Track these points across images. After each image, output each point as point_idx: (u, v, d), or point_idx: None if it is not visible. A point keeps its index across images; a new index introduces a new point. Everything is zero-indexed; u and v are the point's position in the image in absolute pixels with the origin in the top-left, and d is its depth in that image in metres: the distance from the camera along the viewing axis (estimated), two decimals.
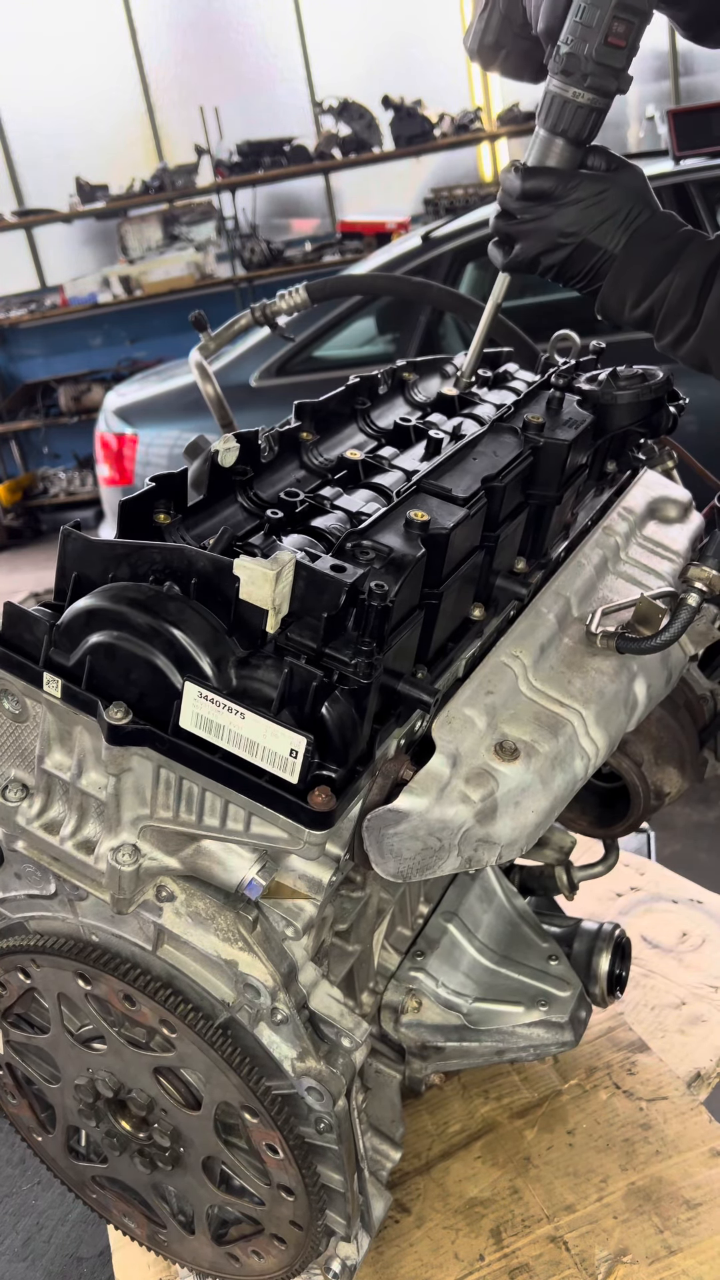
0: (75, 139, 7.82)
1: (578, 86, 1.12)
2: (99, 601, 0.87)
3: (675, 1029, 1.56)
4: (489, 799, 0.93)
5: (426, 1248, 1.27)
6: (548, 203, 1.17)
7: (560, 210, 1.16)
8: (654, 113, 6.08)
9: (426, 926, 1.30)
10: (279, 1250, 1.09)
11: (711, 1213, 1.25)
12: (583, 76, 1.12)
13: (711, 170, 3.63)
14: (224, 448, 1.03)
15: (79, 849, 0.95)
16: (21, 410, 8.15)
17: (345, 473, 1.15)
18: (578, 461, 1.22)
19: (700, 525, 1.39)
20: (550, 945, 1.30)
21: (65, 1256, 2.15)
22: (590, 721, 1.03)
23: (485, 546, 1.08)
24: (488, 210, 4.11)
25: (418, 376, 1.44)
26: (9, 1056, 1.15)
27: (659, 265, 1.16)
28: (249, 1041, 0.96)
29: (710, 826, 3.31)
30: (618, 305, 1.20)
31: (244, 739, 0.82)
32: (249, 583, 0.84)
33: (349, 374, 1.34)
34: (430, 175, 7.58)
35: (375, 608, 0.86)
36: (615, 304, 1.20)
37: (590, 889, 1.82)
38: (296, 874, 0.93)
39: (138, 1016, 0.98)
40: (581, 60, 1.11)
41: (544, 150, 1.18)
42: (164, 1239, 1.19)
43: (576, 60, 1.11)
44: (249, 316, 1.99)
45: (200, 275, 7.31)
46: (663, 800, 1.37)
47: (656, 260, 1.16)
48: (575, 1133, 1.38)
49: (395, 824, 0.91)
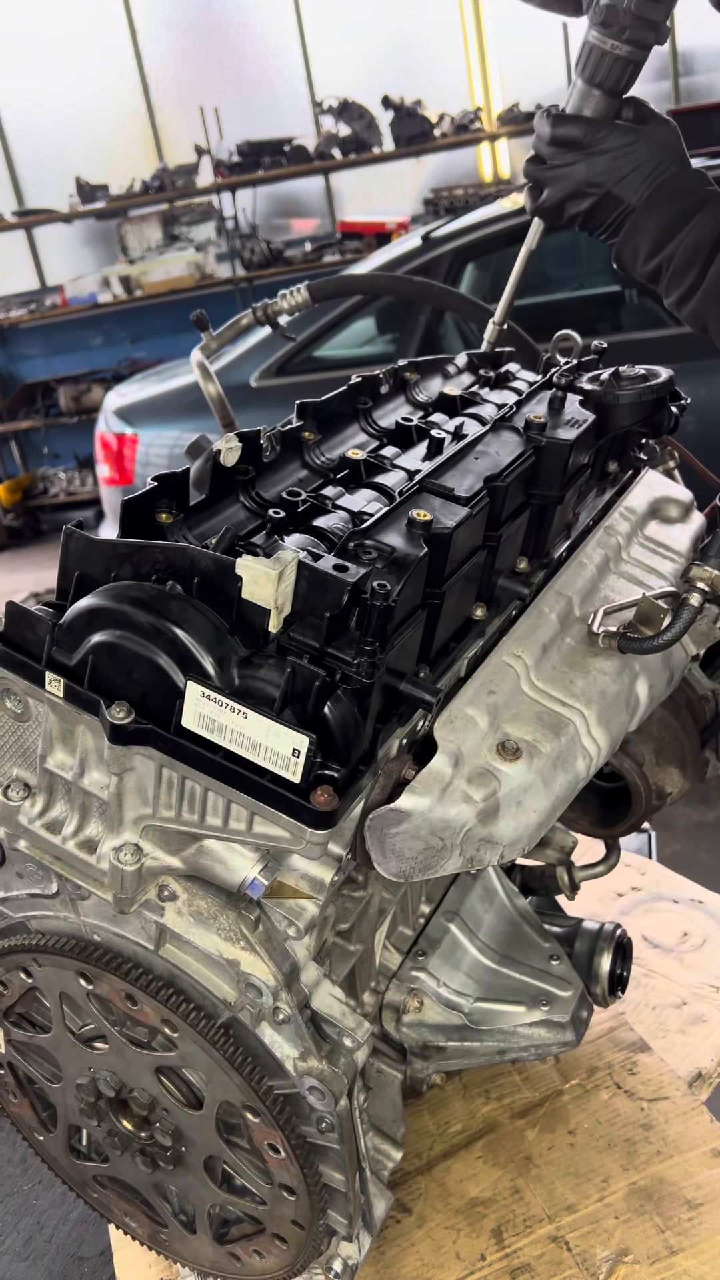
0: (75, 139, 7.82)
1: (616, 39, 1.14)
2: (101, 601, 0.87)
3: (676, 1029, 1.56)
4: (491, 799, 0.93)
5: (428, 1247, 1.27)
6: (576, 150, 1.18)
7: (589, 159, 1.18)
8: None
9: (428, 926, 1.30)
10: (280, 1250, 1.09)
11: (713, 1213, 1.25)
12: (621, 29, 1.13)
13: (711, 170, 3.63)
14: (226, 447, 1.03)
15: (81, 848, 0.95)
16: (21, 410, 8.15)
17: (347, 472, 1.15)
18: (580, 461, 1.22)
19: (702, 525, 1.38)
20: (552, 945, 1.30)
21: (66, 1256, 2.15)
22: (592, 721, 1.03)
23: (487, 546, 1.08)
24: (488, 210, 4.12)
25: (419, 376, 1.43)
26: (10, 1056, 1.15)
27: (674, 222, 1.16)
28: (251, 1041, 0.96)
29: (711, 826, 3.31)
30: (631, 258, 1.21)
31: (246, 738, 0.82)
32: (251, 582, 0.84)
33: (349, 374, 1.34)
34: (430, 175, 7.58)
35: (377, 607, 0.86)
36: (629, 256, 1.21)
37: (591, 889, 1.82)
38: (299, 873, 0.93)
39: (139, 1016, 0.98)
40: (620, 13, 1.12)
41: (581, 99, 1.20)
42: (165, 1238, 1.19)
43: (615, 13, 1.12)
44: (250, 316, 1.99)
45: (200, 275, 7.31)
46: (664, 800, 1.37)
47: (673, 217, 1.16)
48: (576, 1132, 1.38)
49: (397, 824, 0.91)
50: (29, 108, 7.85)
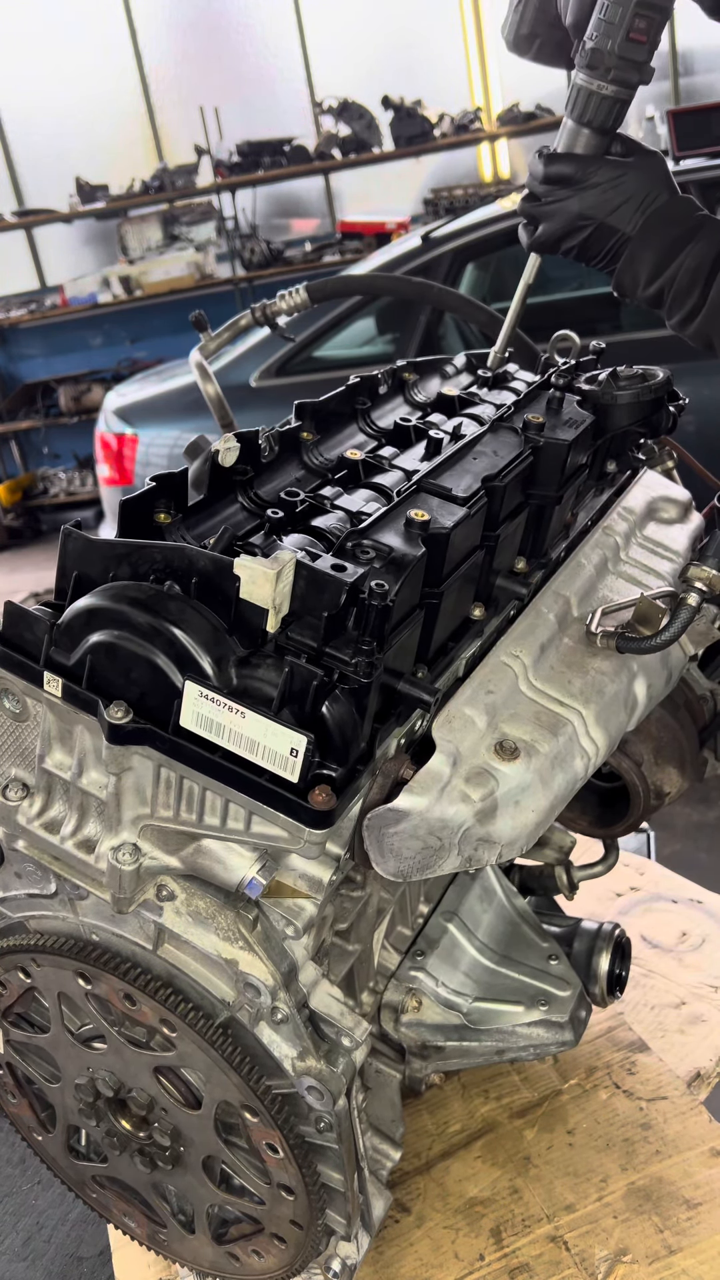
0: (75, 139, 7.81)
1: (602, 79, 1.18)
2: (99, 601, 0.87)
3: (675, 1029, 1.56)
4: (489, 798, 0.93)
5: (426, 1247, 1.27)
6: (569, 186, 1.23)
7: (580, 194, 1.23)
8: (654, 113, 6.07)
9: (426, 926, 1.30)
10: (279, 1249, 1.09)
11: (711, 1212, 1.25)
12: (606, 70, 1.17)
13: (711, 170, 3.64)
14: (224, 447, 1.03)
15: (79, 848, 0.95)
16: (21, 410, 8.15)
17: (345, 472, 1.15)
18: (578, 461, 1.22)
19: (700, 525, 1.39)
20: (550, 945, 1.31)
21: (65, 1256, 2.15)
22: (590, 721, 1.04)
23: (485, 546, 1.08)
24: (488, 211, 4.12)
25: (418, 377, 1.44)
26: (9, 1056, 1.15)
27: (671, 247, 1.21)
28: (249, 1041, 0.96)
29: (710, 826, 3.31)
30: (631, 284, 1.26)
31: (244, 738, 0.82)
32: (250, 582, 0.84)
33: (349, 374, 1.34)
34: (430, 175, 7.58)
35: (375, 607, 0.86)
36: (629, 283, 1.26)
37: (590, 889, 1.82)
38: (297, 873, 0.93)
39: (138, 1016, 0.98)
40: (605, 55, 1.16)
41: (571, 138, 1.24)
42: (164, 1238, 1.19)
43: (601, 55, 1.16)
44: (249, 316, 1.99)
45: (200, 275, 7.31)
46: (662, 800, 1.37)
47: (669, 242, 1.21)
48: (575, 1132, 1.38)
49: (395, 823, 0.91)
50: (29, 108, 7.84)
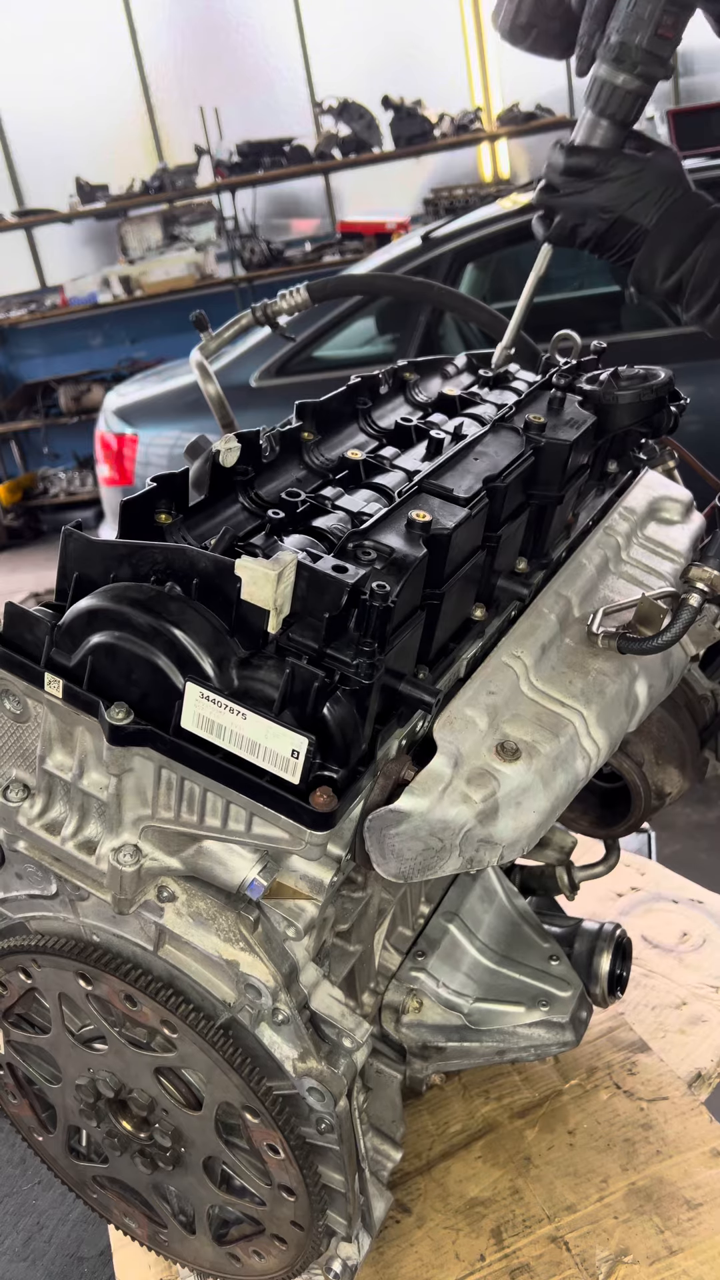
0: (75, 139, 7.81)
1: (628, 73, 1.19)
2: (100, 602, 0.87)
3: (676, 1029, 1.56)
4: (490, 799, 0.93)
5: (427, 1248, 1.27)
6: (588, 179, 1.25)
7: (600, 186, 1.24)
8: (654, 113, 6.07)
9: (427, 927, 1.30)
10: (280, 1250, 1.09)
11: (712, 1213, 1.25)
12: (633, 65, 1.19)
13: (711, 170, 3.64)
14: (225, 448, 1.03)
15: (80, 849, 0.95)
16: (21, 410, 8.15)
17: (346, 473, 1.15)
18: (579, 461, 1.22)
19: (701, 525, 1.39)
20: (551, 945, 1.30)
21: (66, 1256, 2.15)
22: (591, 722, 1.03)
23: (487, 547, 1.08)
24: (488, 211, 4.12)
25: (419, 377, 1.43)
26: (10, 1056, 1.15)
27: (688, 240, 1.24)
28: (250, 1042, 0.96)
29: (711, 826, 3.31)
30: (649, 277, 1.27)
31: (245, 739, 0.82)
32: (250, 583, 0.84)
33: (349, 374, 1.34)
34: (430, 175, 7.58)
35: (377, 608, 0.85)
36: (647, 276, 1.28)
37: (591, 889, 1.81)
38: (298, 874, 0.93)
39: (139, 1017, 0.98)
40: (632, 49, 1.17)
41: (590, 130, 1.25)
42: (165, 1239, 1.19)
43: (628, 49, 1.17)
44: (250, 316, 1.99)
45: (200, 275, 7.31)
46: (664, 800, 1.37)
47: (686, 235, 1.24)
48: (576, 1133, 1.38)
49: (396, 824, 0.91)
50: (29, 108, 7.84)
